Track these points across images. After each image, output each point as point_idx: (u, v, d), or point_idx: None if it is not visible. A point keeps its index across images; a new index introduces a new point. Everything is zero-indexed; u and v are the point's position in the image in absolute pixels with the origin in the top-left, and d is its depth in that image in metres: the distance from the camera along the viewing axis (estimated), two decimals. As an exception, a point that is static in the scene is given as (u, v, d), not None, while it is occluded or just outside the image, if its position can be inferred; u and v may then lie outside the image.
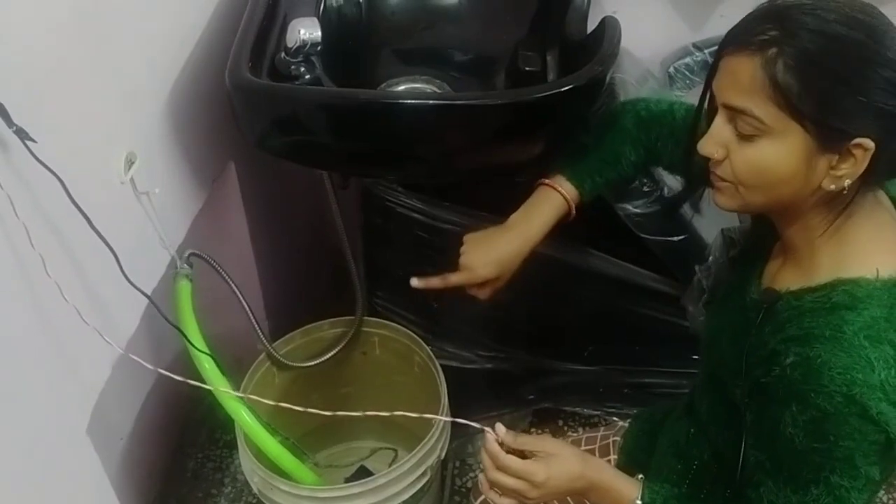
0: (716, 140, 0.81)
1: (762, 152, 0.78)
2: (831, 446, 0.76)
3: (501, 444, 0.92)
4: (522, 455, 0.92)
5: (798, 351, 0.77)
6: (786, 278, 0.86)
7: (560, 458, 0.91)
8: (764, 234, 0.93)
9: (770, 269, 0.91)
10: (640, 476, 0.96)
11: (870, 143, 0.74)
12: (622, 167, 1.10)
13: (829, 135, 0.74)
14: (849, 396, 0.74)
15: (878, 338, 0.75)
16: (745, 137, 0.78)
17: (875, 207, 0.83)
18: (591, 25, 1.28)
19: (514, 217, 1.11)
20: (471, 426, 0.99)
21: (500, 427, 0.92)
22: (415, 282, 1.15)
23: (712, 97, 0.83)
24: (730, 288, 0.99)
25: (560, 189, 1.09)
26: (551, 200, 1.09)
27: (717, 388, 0.94)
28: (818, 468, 0.77)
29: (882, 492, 1.63)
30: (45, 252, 0.81)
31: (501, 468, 0.91)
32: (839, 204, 0.80)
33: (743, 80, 0.76)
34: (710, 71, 0.82)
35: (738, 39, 0.77)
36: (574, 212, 1.10)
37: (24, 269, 0.82)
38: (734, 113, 0.78)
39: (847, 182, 0.76)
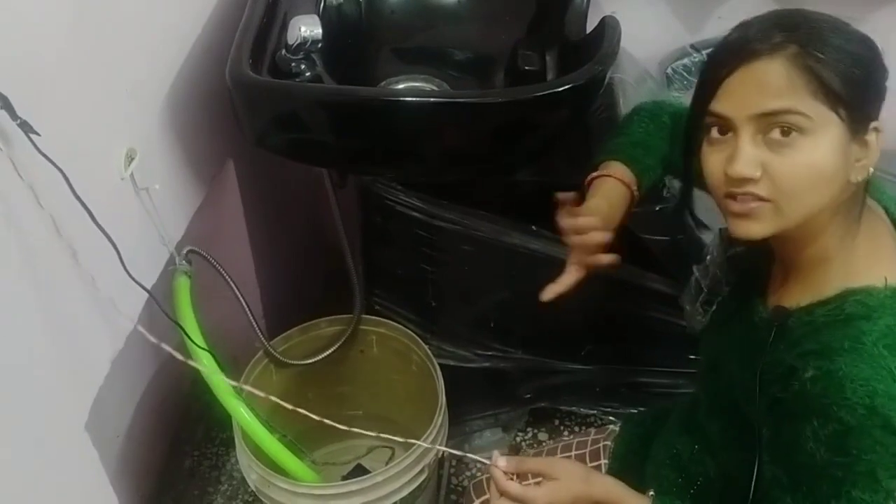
0: (749, 159, 0.76)
1: (807, 152, 0.75)
2: (853, 460, 0.75)
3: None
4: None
5: (818, 365, 0.76)
6: (792, 295, 0.85)
7: (562, 483, 0.90)
8: (759, 258, 0.92)
9: (773, 289, 0.90)
10: (651, 493, 0.95)
11: (881, 126, 0.77)
12: (664, 165, 1.08)
13: (858, 120, 0.76)
14: (871, 408, 0.73)
15: (895, 346, 0.75)
16: (781, 145, 0.75)
17: (869, 216, 0.83)
18: (590, 26, 1.29)
19: (595, 203, 1.02)
20: (468, 457, 0.99)
21: (499, 459, 0.91)
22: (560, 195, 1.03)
23: (709, 121, 0.79)
24: (731, 311, 0.98)
25: (627, 181, 1.04)
26: (622, 194, 1.03)
27: (728, 411, 0.93)
28: (839, 483, 0.76)
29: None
30: (48, 246, 0.82)
31: (502, 492, 0.90)
32: (853, 210, 0.81)
33: (775, 82, 0.74)
34: (705, 96, 0.79)
35: (747, 50, 0.76)
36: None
37: (26, 263, 0.82)
38: (768, 120, 0.75)
39: (870, 170, 0.78)
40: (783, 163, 0.76)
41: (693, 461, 1.01)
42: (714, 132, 0.80)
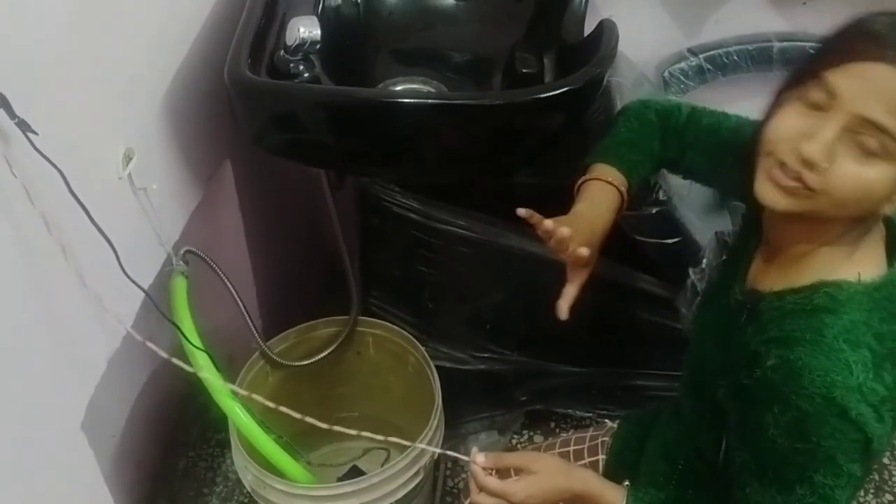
0: (828, 148, 0.73)
1: (876, 174, 0.73)
2: (813, 447, 0.76)
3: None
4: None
5: (779, 353, 0.77)
6: (770, 279, 0.86)
7: (541, 476, 0.93)
8: (749, 235, 0.93)
9: (754, 270, 0.91)
10: (627, 483, 0.97)
11: None
12: (654, 161, 1.07)
13: None
14: (829, 398, 0.74)
15: (857, 342, 0.76)
16: (860, 153, 0.73)
17: None
18: (587, 29, 1.29)
19: (580, 207, 1.01)
20: (449, 454, 1.04)
21: (478, 455, 0.94)
22: (521, 211, 0.97)
23: (813, 83, 0.74)
24: (715, 289, 0.99)
25: (614, 182, 1.02)
26: (609, 195, 1.02)
27: (699, 388, 0.95)
28: (802, 468, 0.78)
29: (871, 496, 1.64)
30: (45, 245, 0.81)
31: (481, 488, 0.93)
32: (862, 228, 0.80)
33: (894, 98, 0.70)
34: (826, 59, 0.74)
35: (888, 51, 0.71)
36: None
37: (23, 262, 0.82)
38: (866, 126, 0.72)
39: None
40: (848, 170, 0.73)
41: (676, 445, 1.02)
42: (812, 96, 0.75)
